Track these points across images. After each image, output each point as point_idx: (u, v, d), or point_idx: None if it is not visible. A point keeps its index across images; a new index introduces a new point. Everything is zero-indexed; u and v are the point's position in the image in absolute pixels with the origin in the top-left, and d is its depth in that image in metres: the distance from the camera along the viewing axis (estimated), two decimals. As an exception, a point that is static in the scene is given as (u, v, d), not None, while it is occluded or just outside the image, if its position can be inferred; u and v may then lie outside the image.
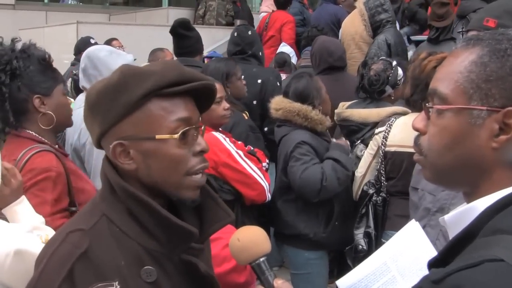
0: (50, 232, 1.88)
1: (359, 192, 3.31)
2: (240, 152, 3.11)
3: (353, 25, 5.80)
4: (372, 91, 3.65)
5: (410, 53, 5.70)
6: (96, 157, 2.95)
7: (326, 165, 3.19)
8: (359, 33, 5.73)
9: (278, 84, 4.55)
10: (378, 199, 3.18)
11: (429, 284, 0.96)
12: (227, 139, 3.14)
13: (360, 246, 3.14)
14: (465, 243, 1.00)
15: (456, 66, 1.07)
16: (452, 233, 1.07)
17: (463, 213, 1.06)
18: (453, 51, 1.12)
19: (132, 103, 1.24)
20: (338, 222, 3.30)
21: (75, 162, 2.94)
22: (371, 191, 3.21)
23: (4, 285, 1.69)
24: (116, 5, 13.35)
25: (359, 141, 3.61)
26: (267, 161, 3.47)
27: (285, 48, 6.68)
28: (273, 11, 7.62)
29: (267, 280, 1.22)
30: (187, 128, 1.28)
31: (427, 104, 1.12)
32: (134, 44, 7.31)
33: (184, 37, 4.60)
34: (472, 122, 1.04)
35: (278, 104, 3.38)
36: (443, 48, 4.72)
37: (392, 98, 3.71)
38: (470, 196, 1.08)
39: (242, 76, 3.87)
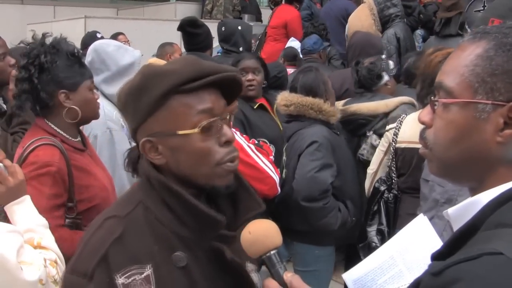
0: (46, 236, 1.87)
1: (371, 189, 3.32)
2: (252, 146, 3.11)
3: (360, 19, 5.78)
4: (370, 78, 3.73)
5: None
6: (99, 151, 2.95)
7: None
8: (366, 27, 5.70)
9: None
10: (389, 196, 3.19)
11: (428, 276, 0.96)
12: (238, 133, 3.14)
13: (374, 244, 3.14)
14: (468, 236, 1.00)
15: (462, 60, 1.06)
16: (456, 226, 1.06)
17: (467, 207, 1.06)
18: (460, 45, 1.11)
19: (153, 102, 1.29)
20: (357, 217, 3.28)
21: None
22: (382, 188, 3.22)
23: None
24: (124, -1, 13.38)
25: (372, 132, 3.66)
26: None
27: (294, 43, 6.67)
28: (276, 5, 7.64)
29: (277, 273, 1.22)
30: (208, 121, 1.30)
31: (432, 97, 1.12)
32: (142, 38, 7.33)
33: (193, 35, 4.61)
34: (477, 116, 1.03)
35: (288, 99, 3.30)
36: (450, 44, 4.69)
37: (389, 87, 3.81)
38: (475, 191, 1.07)
39: None
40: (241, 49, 4.65)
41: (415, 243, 1.70)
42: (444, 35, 5.16)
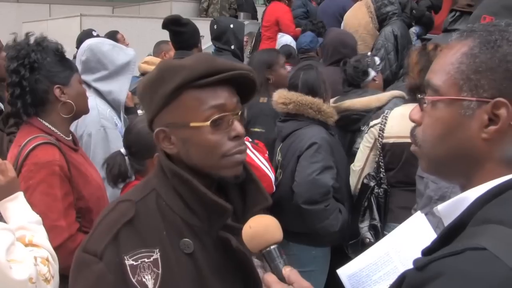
0: (39, 233, 1.86)
1: (359, 186, 3.31)
2: (249, 144, 3.11)
3: (357, 17, 5.78)
4: (357, 75, 3.77)
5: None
6: (94, 149, 2.96)
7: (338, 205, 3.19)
8: (363, 25, 5.70)
9: None
10: (380, 191, 3.20)
11: (413, 271, 0.97)
12: None
13: (367, 239, 3.15)
14: (456, 232, 1.01)
15: (449, 58, 1.08)
16: (446, 223, 1.08)
17: (456, 203, 1.07)
18: (448, 44, 1.12)
19: (167, 94, 1.36)
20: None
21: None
22: (372, 184, 3.22)
23: None
24: (120, -3, 13.34)
25: (366, 126, 3.65)
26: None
27: (284, 38, 6.66)
28: (270, 2, 7.64)
29: (277, 267, 1.24)
30: (219, 115, 1.36)
31: (419, 95, 1.14)
32: (137, 36, 7.31)
33: (177, 33, 4.57)
34: (463, 113, 1.04)
35: (287, 97, 3.25)
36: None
37: (377, 82, 3.88)
38: (465, 188, 1.08)
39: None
40: (232, 47, 4.65)
41: (412, 240, 1.70)
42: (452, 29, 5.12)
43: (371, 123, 3.29)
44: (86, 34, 5.79)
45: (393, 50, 5.26)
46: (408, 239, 1.70)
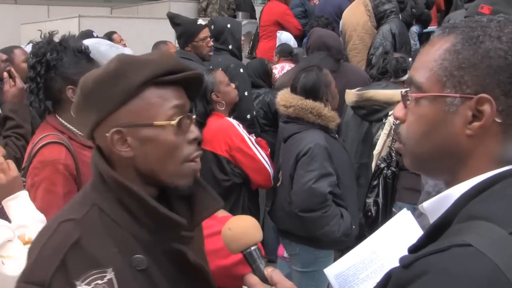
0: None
1: (374, 168, 3.72)
2: (252, 139, 3.26)
3: (355, 16, 5.79)
4: (397, 70, 3.97)
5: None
6: None
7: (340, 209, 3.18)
8: (361, 24, 5.71)
9: (241, 71, 4.49)
10: (388, 172, 3.55)
11: (399, 269, 0.98)
12: (240, 125, 3.29)
13: (369, 213, 3.53)
14: (441, 230, 1.01)
15: (431, 55, 1.08)
16: (432, 220, 1.08)
17: (441, 200, 1.07)
18: (430, 40, 1.12)
19: (131, 90, 1.27)
20: (355, 225, 3.27)
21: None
22: (382, 165, 3.59)
23: None
24: (118, -2, 13.32)
25: (388, 115, 3.90)
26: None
27: (283, 35, 6.65)
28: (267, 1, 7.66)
29: (258, 268, 1.24)
30: (183, 115, 1.31)
31: (402, 92, 1.13)
32: (136, 37, 7.31)
33: (176, 31, 4.66)
34: (447, 109, 1.04)
35: (288, 100, 3.25)
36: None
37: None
38: (449, 184, 1.08)
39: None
40: (230, 47, 4.66)
41: (398, 237, 1.69)
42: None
43: (390, 113, 3.67)
44: (85, 35, 5.79)
45: (391, 48, 5.28)
46: (395, 237, 1.70)
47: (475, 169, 1.04)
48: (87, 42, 3.31)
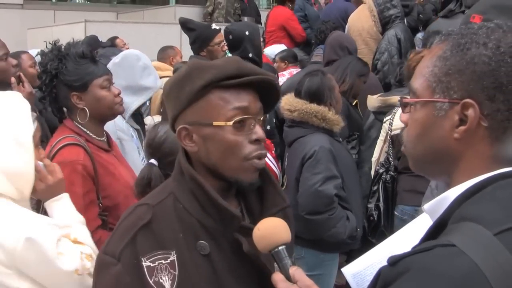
0: (83, 232, 1.98)
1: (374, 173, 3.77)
2: None
3: (360, 21, 5.79)
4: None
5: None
6: None
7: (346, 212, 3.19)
8: (366, 29, 5.71)
9: None
10: (387, 177, 3.60)
11: (387, 267, 1.02)
12: None
13: (372, 217, 3.57)
14: (438, 231, 1.05)
15: (426, 62, 1.13)
16: (432, 220, 1.12)
17: (439, 202, 1.10)
18: (431, 47, 1.16)
19: (194, 92, 1.39)
20: (360, 228, 3.28)
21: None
22: (381, 171, 3.64)
23: (19, 271, 1.81)
24: (124, 3, 13.40)
25: (383, 122, 3.93)
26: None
27: (273, 49, 6.55)
28: (273, 6, 7.65)
29: (285, 267, 1.31)
30: (242, 116, 1.40)
31: (398, 98, 1.18)
32: (141, 42, 7.33)
33: (189, 36, 4.60)
34: (436, 114, 1.09)
35: (292, 105, 3.25)
36: (457, 22, 4.66)
37: None
38: (449, 185, 1.11)
39: None
40: (250, 55, 4.50)
41: (416, 239, 1.70)
42: (450, 16, 5.09)
43: (384, 119, 3.71)
44: (93, 40, 5.82)
45: (396, 53, 5.26)
46: (413, 239, 1.71)
47: (468, 171, 1.07)
48: (132, 51, 3.44)
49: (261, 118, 1.46)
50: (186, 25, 4.52)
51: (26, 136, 1.89)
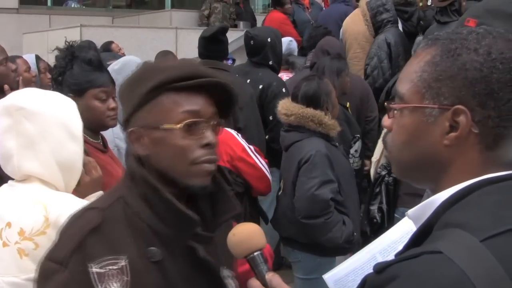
0: None
1: (375, 175, 3.73)
2: (252, 147, 3.29)
3: (355, 24, 5.80)
4: None
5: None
6: None
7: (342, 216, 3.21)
8: (362, 33, 5.73)
9: (284, 91, 4.37)
10: (389, 179, 3.58)
11: (373, 274, 1.01)
12: (239, 135, 3.30)
13: (375, 220, 3.55)
14: (423, 237, 1.03)
15: (413, 66, 1.11)
16: (416, 226, 1.10)
17: (424, 208, 1.09)
18: (416, 52, 1.15)
19: (144, 93, 1.36)
20: (357, 233, 3.30)
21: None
22: (383, 173, 3.61)
23: None
24: (119, 8, 13.39)
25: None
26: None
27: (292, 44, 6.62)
28: (270, 11, 7.66)
29: (261, 273, 1.29)
30: (191, 120, 1.36)
31: (385, 103, 1.17)
32: (137, 46, 7.35)
33: (220, 42, 4.38)
34: (426, 120, 1.07)
35: (289, 109, 3.29)
36: (451, 28, 4.70)
37: None
38: (435, 191, 1.10)
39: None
40: (270, 62, 4.49)
41: (399, 243, 1.71)
42: (444, 22, 5.14)
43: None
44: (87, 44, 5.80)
45: (386, 58, 5.26)
46: (395, 243, 1.71)
47: (456, 177, 1.06)
48: (133, 58, 3.46)
49: (216, 123, 1.42)
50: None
51: (78, 130, 1.93)
